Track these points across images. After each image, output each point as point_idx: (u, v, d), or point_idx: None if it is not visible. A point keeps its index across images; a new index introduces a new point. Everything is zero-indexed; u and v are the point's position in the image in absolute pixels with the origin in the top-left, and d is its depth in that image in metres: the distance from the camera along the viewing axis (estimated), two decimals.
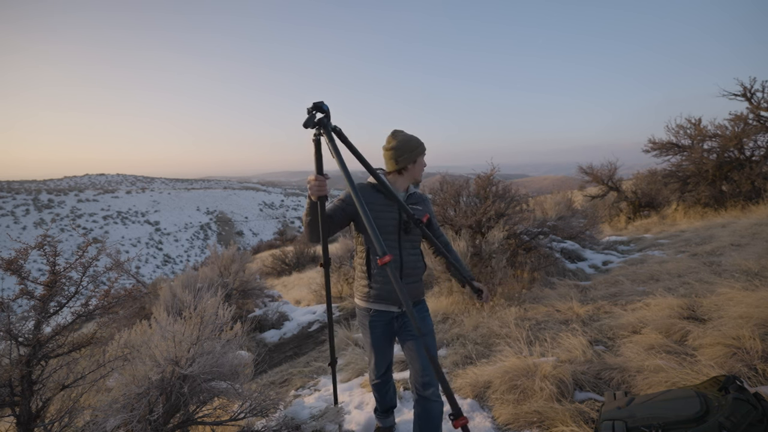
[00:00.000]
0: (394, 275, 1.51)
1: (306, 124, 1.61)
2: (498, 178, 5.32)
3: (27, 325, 1.98)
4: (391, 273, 1.50)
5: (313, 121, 1.62)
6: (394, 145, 1.91)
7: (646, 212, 9.52)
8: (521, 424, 2.10)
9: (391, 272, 1.50)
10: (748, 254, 3.98)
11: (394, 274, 1.51)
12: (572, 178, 13.74)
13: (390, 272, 1.50)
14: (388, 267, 1.50)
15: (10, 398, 1.86)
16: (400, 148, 1.90)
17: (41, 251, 2.00)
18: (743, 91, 7.71)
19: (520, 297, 4.16)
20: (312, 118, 1.61)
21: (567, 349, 2.65)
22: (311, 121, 1.61)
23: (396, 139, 1.92)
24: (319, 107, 1.62)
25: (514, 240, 4.85)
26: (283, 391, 3.32)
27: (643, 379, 2.16)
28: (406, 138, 1.91)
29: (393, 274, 1.50)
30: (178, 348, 2.14)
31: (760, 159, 7.47)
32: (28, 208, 76.38)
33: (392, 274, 1.50)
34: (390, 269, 1.50)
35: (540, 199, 7.63)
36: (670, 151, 8.63)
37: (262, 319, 5.93)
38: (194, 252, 79.90)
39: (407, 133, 1.93)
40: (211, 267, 6.06)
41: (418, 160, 1.95)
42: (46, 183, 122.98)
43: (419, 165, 1.95)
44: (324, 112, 1.63)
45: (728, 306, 2.66)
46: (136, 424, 1.89)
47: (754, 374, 1.98)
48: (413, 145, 1.91)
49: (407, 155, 1.90)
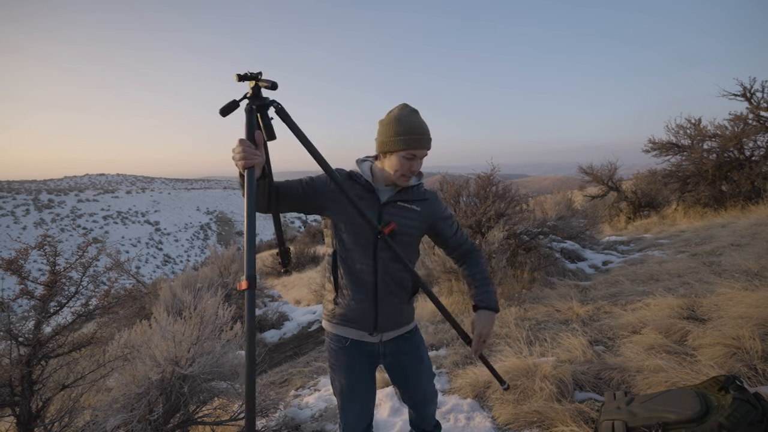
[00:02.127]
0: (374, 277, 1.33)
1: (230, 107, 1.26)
2: (498, 178, 5.32)
3: (27, 325, 1.99)
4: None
5: (260, 98, 1.28)
6: (382, 120, 1.42)
7: (646, 212, 9.52)
8: (521, 424, 2.10)
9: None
10: (748, 254, 3.98)
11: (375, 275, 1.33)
12: (572, 178, 13.76)
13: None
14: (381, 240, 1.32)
15: (10, 398, 1.86)
16: (383, 128, 1.40)
17: (41, 251, 2.00)
18: (743, 91, 7.71)
19: (520, 297, 4.16)
20: (257, 99, 1.28)
21: (567, 349, 2.65)
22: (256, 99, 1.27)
23: (390, 114, 1.40)
24: (254, 77, 1.27)
25: (514, 240, 4.85)
26: (283, 391, 3.32)
27: (643, 379, 2.15)
28: (401, 119, 1.36)
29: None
30: (178, 348, 2.14)
31: (759, 159, 7.47)
32: (28, 208, 76.39)
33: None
34: (384, 243, 1.31)
35: (540, 199, 7.64)
36: (670, 151, 8.63)
37: (262, 319, 5.93)
38: (194, 252, 79.91)
39: (413, 116, 1.37)
40: (211, 267, 6.06)
41: (399, 156, 1.36)
42: (46, 183, 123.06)
43: (401, 163, 1.37)
44: (255, 80, 1.27)
45: (728, 306, 2.65)
46: (136, 424, 1.89)
47: (754, 374, 1.98)
48: (398, 131, 1.35)
49: (386, 141, 1.38)
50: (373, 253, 1.38)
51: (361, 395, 1.49)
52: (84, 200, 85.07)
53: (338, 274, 1.43)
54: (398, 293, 1.44)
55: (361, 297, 1.41)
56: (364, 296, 1.40)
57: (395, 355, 1.50)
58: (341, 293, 1.43)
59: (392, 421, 2.40)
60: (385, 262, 1.40)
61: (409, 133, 1.35)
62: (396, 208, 1.42)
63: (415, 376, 1.53)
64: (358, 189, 1.41)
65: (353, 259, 1.40)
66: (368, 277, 1.39)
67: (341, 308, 1.44)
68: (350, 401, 1.49)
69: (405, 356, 1.51)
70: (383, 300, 1.41)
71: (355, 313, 1.42)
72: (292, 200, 1.41)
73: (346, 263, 1.41)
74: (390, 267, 1.41)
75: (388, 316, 1.43)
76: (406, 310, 1.49)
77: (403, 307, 1.48)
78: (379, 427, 2.38)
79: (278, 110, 1.31)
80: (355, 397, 1.48)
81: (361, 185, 1.43)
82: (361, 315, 1.41)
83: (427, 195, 1.50)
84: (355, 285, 1.41)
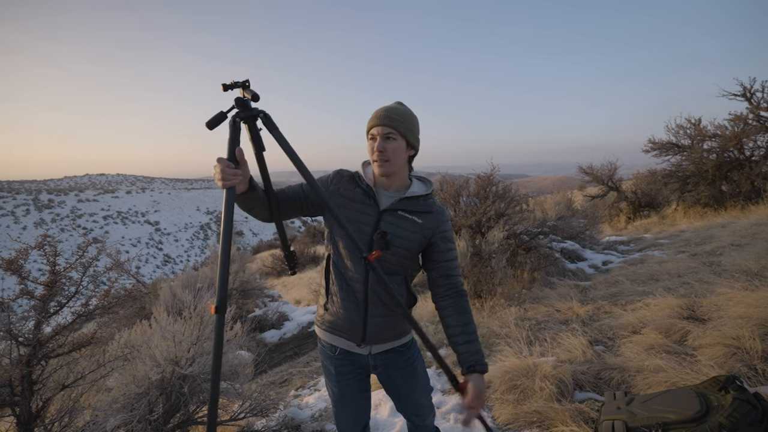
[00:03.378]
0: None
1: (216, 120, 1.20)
2: (498, 178, 5.32)
3: (27, 325, 1.99)
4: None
5: (247, 107, 1.22)
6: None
7: (646, 212, 9.52)
8: (521, 424, 2.10)
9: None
10: (748, 254, 3.98)
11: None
12: (572, 178, 13.76)
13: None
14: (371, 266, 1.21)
15: (10, 398, 1.86)
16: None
17: (41, 251, 2.00)
18: (743, 91, 7.71)
19: (520, 297, 4.16)
20: (242, 108, 1.21)
21: (567, 349, 2.65)
22: (242, 107, 1.21)
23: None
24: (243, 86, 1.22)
25: (514, 240, 4.85)
26: (283, 391, 3.32)
27: (643, 379, 2.16)
28: (383, 108, 1.34)
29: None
30: (178, 348, 2.14)
31: (759, 159, 7.47)
32: (29, 208, 76.39)
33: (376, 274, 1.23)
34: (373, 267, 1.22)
35: (540, 199, 7.65)
36: (670, 151, 8.63)
37: (262, 319, 5.94)
38: (194, 252, 79.92)
39: (393, 105, 1.35)
40: (211, 267, 6.07)
41: (367, 143, 1.35)
42: (46, 183, 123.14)
43: (369, 148, 1.35)
44: (242, 88, 1.22)
45: (728, 306, 2.65)
46: (136, 424, 1.89)
47: (754, 374, 1.98)
48: (372, 116, 1.34)
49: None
50: (365, 265, 1.30)
51: (354, 402, 1.45)
52: (84, 200, 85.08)
53: (330, 279, 1.37)
54: (390, 305, 1.34)
55: (350, 306, 1.34)
56: (353, 305, 1.34)
57: (386, 369, 1.43)
58: (331, 299, 1.37)
59: (392, 421, 2.40)
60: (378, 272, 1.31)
61: (371, 117, 1.33)
62: (396, 217, 1.32)
63: (407, 393, 1.46)
64: (358, 193, 1.35)
65: (346, 265, 1.34)
66: (358, 285, 1.32)
67: (330, 315, 1.38)
68: (344, 408, 1.45)
69: (396, 371, 1.44)
70: (373, 311, 1.33)
71: (343, 322, 1.36)
72: (294, 206, 1.37)
73: (338, 268, 1.36)
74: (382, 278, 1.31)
75: (378, 328, 1.35)
76: (399, 323, 1.39)
77: (396, 320, 1.37)
78: (379, 427, 2.38)
79: (266, 121, 1.25)
80: (349, 404, 1.44)
81: (362, 189, 1.35)
82: (349, 325, 1.35)
83: (433, 208, 1.37)
84: (345, 292, 1.34)
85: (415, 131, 1.35)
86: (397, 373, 1.44)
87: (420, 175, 1.47)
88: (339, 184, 1.36)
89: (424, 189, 1.39)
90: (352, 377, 1.42)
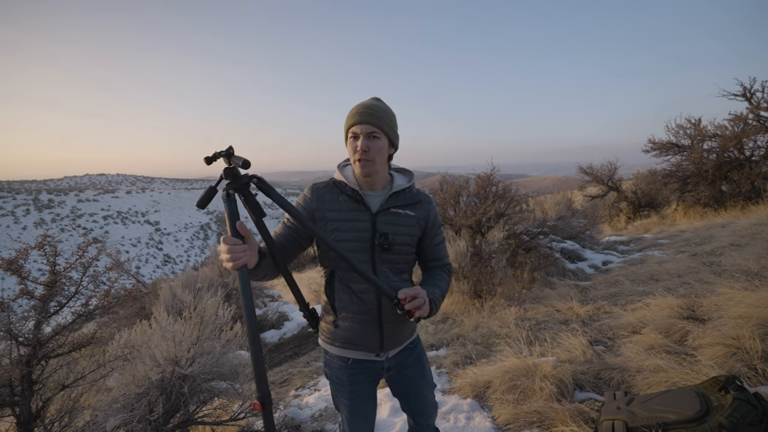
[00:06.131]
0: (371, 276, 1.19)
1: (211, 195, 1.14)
2: (498, 178, 5.32)
3: (27, 325, 1.98)
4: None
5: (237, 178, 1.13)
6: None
7: (646, 212, 9.52)
8: (521, 424, 2.10)
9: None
10: (748, 254, 3.98)
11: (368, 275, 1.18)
12: (572, 178, 13.77)
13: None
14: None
15: (10, 398, 1.86)
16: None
17: (41, 251, 2.00)
18: (743, 91, 7.72)
19: (520, 297, 4.16)
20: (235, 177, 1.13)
21: (567, 349, 2.65)
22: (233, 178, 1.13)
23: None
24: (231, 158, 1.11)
25: (514, 240, 4.85)
26: (283, 391, 3.32)
27: (643, 379, 2.16)
28: (362, 105, 1.29)
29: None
30: (178, 348, 2.14)
31: (759, 159, 7.47)
32: (29, 208, 76.38)
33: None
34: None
35: (540, 199, 7.65)
36: (670, 151, 8.63)
37: (262, 319, 5.93)
38: (194, 252, 79.95)
39: (372, 101, 1.31)
40: (211, 267, 6.07)
41: (347, 142, 1.30)
42: (46, 183, 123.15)
43: (349, 147, 1.30)
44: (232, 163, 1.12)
45: (728, 306, 2.65)
46: (136, 424, 1.89)
47: (754, 374, 1.98)
48: (351, 113, 1.29)
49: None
50: (372, 269, 1.29)
51: (365, 411, 1.43)
52: (84, 200, 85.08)
53: (335, 297, 1.32)
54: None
55: (365, 318, 1.30)
56: (368, 317, 1.30)
57: (398, 369, 1.43)
58: (341, 316, 1.32)
59: (392, 422, 2.40)
60: (387, 276, 1.30)
61: (351, 115, 1.28)
62: (390, 216, 1.30)
63: (417, 390, 1.48)
64: (344, 200, 1.30)
65: (354, 279, 1.29)
66: (370, 296, 1.29)
67: (343, 331, 1.33)
68: (355, 417, 1.42)
69: (408, 369, 1.45)
70: (387, 318, 1.31)
71: (359, 336, 1.32)
72: (293, 248, 1.34)
73: (345, 283, 1.30)
74: (392, 281, 1.30)
75: (395, 332, 1.34)
76: (406, 322, 1.38)
77: (402, 324, 1.37)
78: (379, 427, 2.38)
79: (260, 185, 1.20)
80: (360, 413, 1.42)
81: (347, 195, 1.30)
82: (366, 337, 1.31)
83: (420, 197, 1.38)
84: (357, 306, 1.29)
85: (395, 129, 1.32)
86: (409, 371, 1.45)
87: (396, 166, 1.45)
88: (320, 201, 1.31)
89: (407, 180, 1.38)
90: (364, 385, 1.40)
